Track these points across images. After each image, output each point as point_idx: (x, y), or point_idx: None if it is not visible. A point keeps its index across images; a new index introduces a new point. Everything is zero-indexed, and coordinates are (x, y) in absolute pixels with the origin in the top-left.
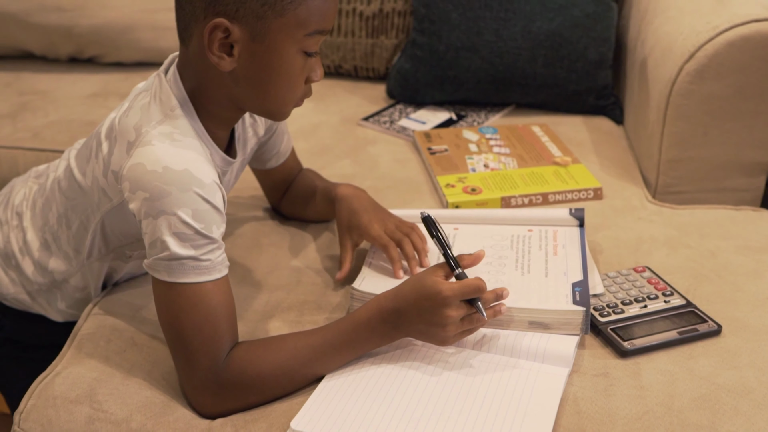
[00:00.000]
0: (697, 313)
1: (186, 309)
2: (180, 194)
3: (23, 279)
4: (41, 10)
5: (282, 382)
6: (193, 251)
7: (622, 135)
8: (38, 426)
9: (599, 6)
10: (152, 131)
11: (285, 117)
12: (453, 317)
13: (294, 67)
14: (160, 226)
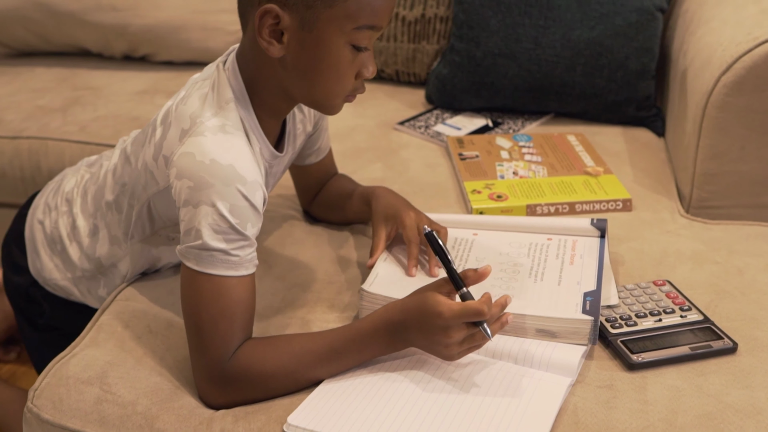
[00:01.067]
0: (714, 330)
1: (207, 299)
2: (222, 188)
3: (68, 265)
4: (97, 9)
5: (284, 383)
6: (224, 244)
7: (661, 147)
8: (49, 403)
9: (643, 15)
10: (206, 122)
11: (334, 111)
12: (454, 339)
13: (341, 59)
14: (198, 215)
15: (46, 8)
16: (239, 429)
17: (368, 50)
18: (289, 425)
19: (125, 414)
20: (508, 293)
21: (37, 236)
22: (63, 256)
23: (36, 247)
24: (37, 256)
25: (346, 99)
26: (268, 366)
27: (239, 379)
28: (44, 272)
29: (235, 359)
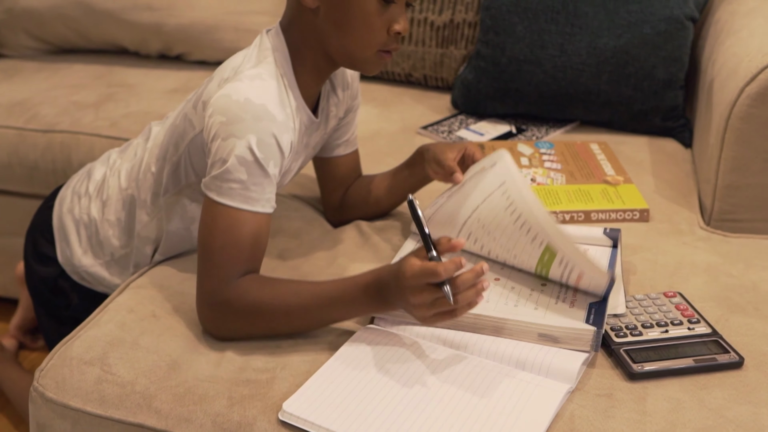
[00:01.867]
0: (721, 344)
1: (220, 228)
2: (252, 122)
3: (99, 249)
4: (134, 9)
5: (277, 316)
6: (245, 176)
7: (687, 159)
8: (53, 383)
9: (672, 25)
10: (247, 72)
11: (369, 66)
12: (419, 300)
13: (368, 8)
14: (227, 146)
15: (85, 6)
16: (234, 414)
17: (398, 5)
18: (284, 412)
19: (124, 393)
20: (510, 297)
21: (67, 225)
22: (94, 240)
23: (66, 236)
24: (67, 244)
25: (380, 55)
26: (265, 295)
27: (234, 306)
28: (74, 259)
29: (234, 286)
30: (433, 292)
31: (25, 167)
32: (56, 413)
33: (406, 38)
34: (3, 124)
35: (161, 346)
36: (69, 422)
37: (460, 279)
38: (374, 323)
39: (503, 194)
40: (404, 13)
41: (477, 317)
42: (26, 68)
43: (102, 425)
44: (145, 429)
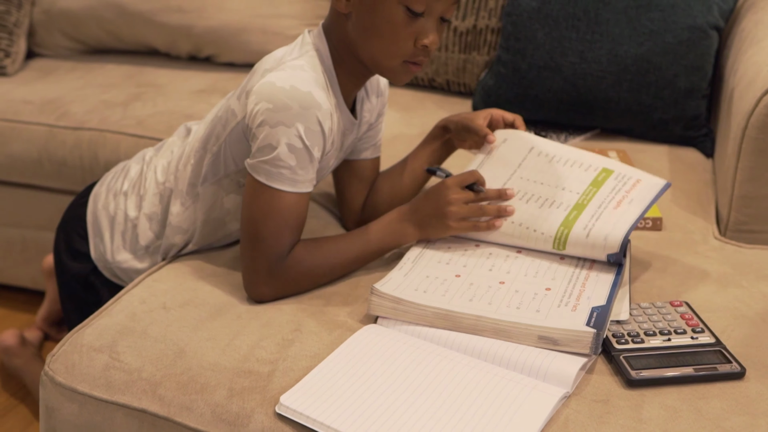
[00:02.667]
0: (724, 354)
1: (271, 211)
2: (301, 110)
3: (134, 242)
4: (165, 11)
5: (328, 275)
6: (294, 162)
7: (708, 168)
8: (63, 368)
9: (695, 33)
10: (290, 62)
11: (398, 77)
12: (455, 198)
13: (394, 19)
14: (276, 134)
15: (118, 8)
16: (233, 405)
17: (428, 18)
18: (281, 405)
19: (131, 380)
20: (513, 300)
21: (101, 221)
22: (129, 235)
23: (100, 232)
24: (100, 240)
25: (407, 66)
26: (316, 262)
27: (290, 276)
28: (107, 255)
29: (288, 260)
30: (467, 194)
31: (54, 163)
32: (65, 396)
33: None
34: (35, 121)
35: (169, 335)
36: (76, 405)
37: (487, 193)
38: (377, 323)
39: (539, 155)
40: (435, 27)
41: (478, 319)
42: (61, 67)
43: (107, 409)
44: (147, 414)
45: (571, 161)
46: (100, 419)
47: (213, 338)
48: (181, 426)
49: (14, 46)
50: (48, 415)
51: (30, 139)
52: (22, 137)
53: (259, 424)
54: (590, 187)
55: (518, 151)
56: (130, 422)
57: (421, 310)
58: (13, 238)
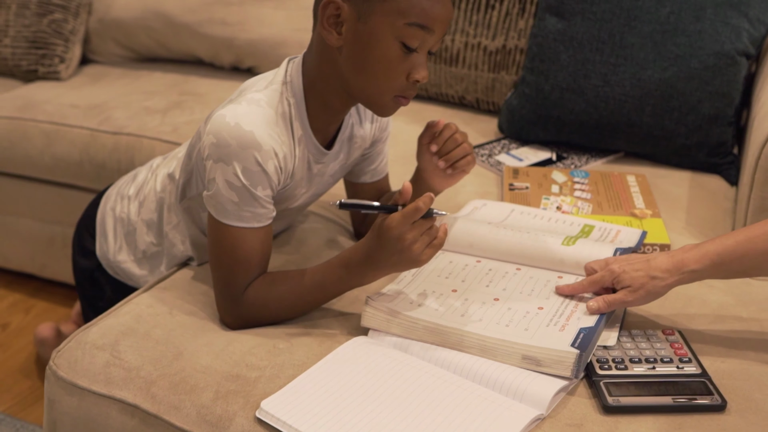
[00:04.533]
0: (707, 385)
1: (225, 245)
2: (239, 150)
3: (133, 245)
4: (209, 22)
5: (283, 312)
6: (236, 199)
7: (730, 197)
8: (66, 363)
9: (721, 59)
10: (248, 95)
11: (385, 110)
12: (410, 238)
13: (390, 54)
14: (217, 169)
15: (165, 18)
16: (217, 408)
17: (420, 53)
18: (261, 410)
19: (129, 377)
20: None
21: (107, 222)
22: (130, 238)
23: (105, 231)
24: (105, 239)
25: (397, 100)
26: (271, 299)
27: (250, 311)
28: (110, 254)
29: (245, 295)
30: (421, 226)
31: (94, 165)
32: (65, 390)
33: (459, 61)
34: (78, 125)
35: (171, 338)
36: (76, 399)
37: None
38: (368, 335)
39: (521, 213)
40: (425, 61)
41: (465, 335)
42: (111, 74)
43: (104, 403)
44: (139, 410)
45: (554, 219)
46: (96, 412)
47: (210, 344)
48: (168, 424)
49: (69, 52)
50: (50, 407)
51: (73, 141)
52: (66, 139)
53: (239, 427)
54: (580, 234)
55: (500, 211)
56: (123, 417)
57: (412, 323)
58: (56, 235)
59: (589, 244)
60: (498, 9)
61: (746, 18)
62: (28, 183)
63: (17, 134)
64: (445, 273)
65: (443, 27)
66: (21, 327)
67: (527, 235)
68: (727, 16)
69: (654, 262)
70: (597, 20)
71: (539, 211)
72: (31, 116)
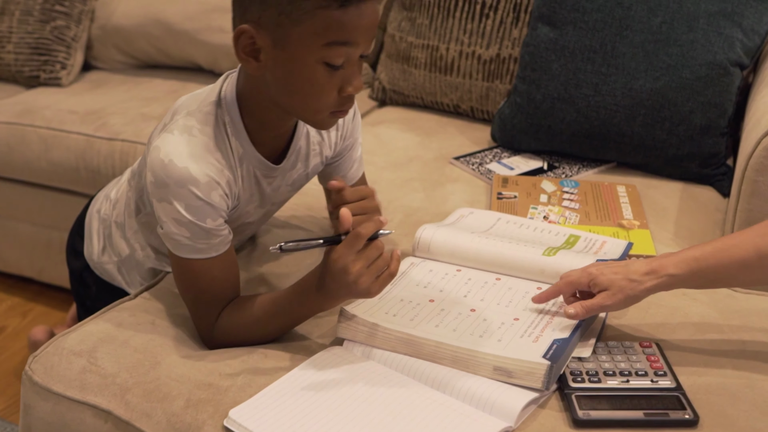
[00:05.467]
0: (680, 400)
1: (187, 279)
2: (176, 188)
3: (112, 249)
4: (208, 30)
5: (252, 338)
6: (188, 234)
7: (722, 208)
8: (42, 368)
9: (714, 70)
10: (180, 120)
11: (324, 126)
12: (357, 271)
13: (316, 76)
14: (161, 209)
15: (165, 26)
16: (187, 416)
17: (349, 66)
18: (229, 419)
19: (104, 383)
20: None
21: (93, 223)
22: (110, 240)
23: (91, 233)
24: (90, 240)
25: (334, 114)
26: (239, 327)
27: (221, 338)
28: (94, 255)
29: (216, 325)
30: (365, 256)
31: (89, 171)
32: (40, 396)
33: (454, 70)
34: (75, 130)
35: (150, 347)
36: (50, 404)
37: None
38: (343, 345)
39: (507, 222)
40: (357, 72)
41: (438, 345)
42: (112, 80)
43: (77, 409)
44: (112, 416)
45: (540, 228)
46: (70, 418)
47: (189, 354)
48: (138, 431)
49: (71, 59)
50: (25, 412)
51: (69, 147)
52: (62, 145)
53: None
54: (564, 245)
55: (486, 220)
56: (96, 423)
57: (386, 333)
58: (53, 239)
59: (570, 255)
60: (492, 18)
61: (740, 28)
62: (27, 188)
63: (16, 139)
64: (424, 282)
65: (369, 34)
66: (18, 330)
67: (508, 244)
68: (720, 26)
69: (632, 266)
70: (589, 30)
71: (525, 221)
72: (30, 122)
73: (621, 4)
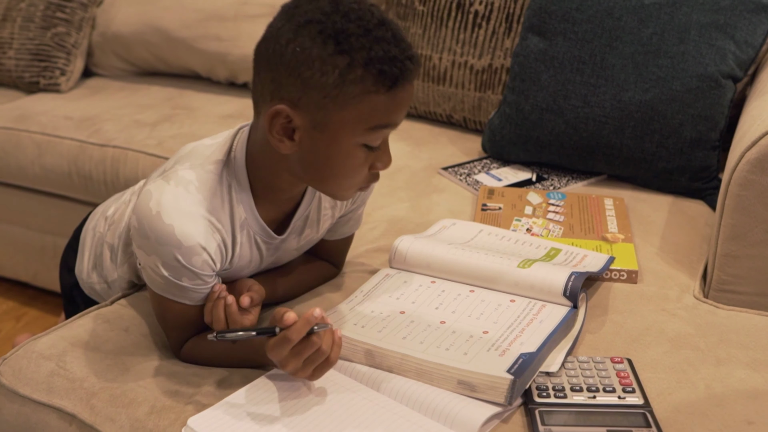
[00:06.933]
0: (647, 417)
1: (157, 309)
2: (156, 245)
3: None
4: (204, 38)
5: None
6: (162, 282)
7: (711, 223)
8: (11, 371)
9: (704, 82)
10: (180, 171)
11: (346, 198)
12: (290, 367)
13: (353, 159)
14: (140, 255)
15: (162, 33)
16: (150, 422)
17: (383, 145)
18: (187, 427)
19: (71, 387)
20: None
21: (87, 241)
22: (100, 260)
23: (83, 251)
24: (81, 259)
25: (360, 188)
26: (203, 358)
27: (187, 359)
28: (83, 273)
29: (182, 353)
30: (297, 353)
31: (81, 177)
32: (6, 398)
33: (447, 79)
34: (69, 136)
35: (120, 353)
36: (16, 406)
37: (286, 319)
38: None
39: (488, 234)
40: (388, 148)
41: (403, 358)
42: (111, 87)
43: (42, 411)
44: (76, 419)
45: (521, 241)
46: (35, 420)
47: (158, 362)
48: None
49: (70, 65)
50: None
51: (62, 152)
52: (56, 151)
53: None
54: (544, 258)
55: (468, 232)
56: (61, 425)
57: (353, 345)
58: (47, 244)
59: (545, 268)
60: (485, 28)
61: (732, 40)
62: (21, 192)
63: (11, 144)
64: (397, 293)
65: (405, 111)
66: (11, 334)
67: (484, 256)
68: (712, 38)
69: None
70: (578, 40)
71: (507, 233)
72: (26, 127)
73: (611, 14)
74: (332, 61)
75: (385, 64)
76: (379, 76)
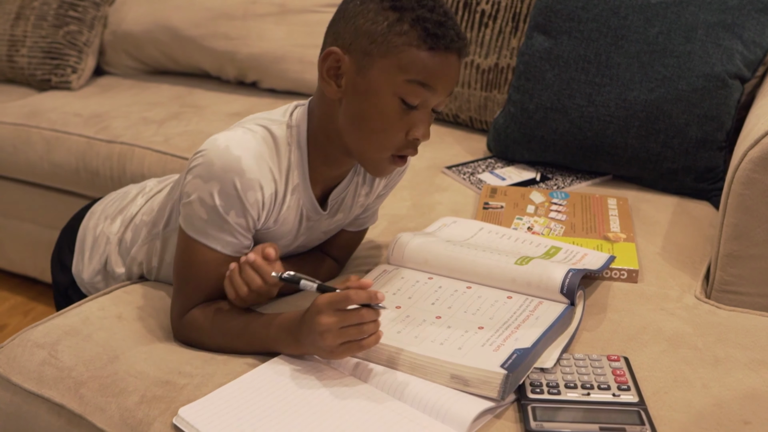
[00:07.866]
0: (641, 415)
1: (185, 257)
2: (220, 171)
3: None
4: (213, 36)
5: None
6: (206, 216)
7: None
8: (5, 359)
9: (711, 82)
10: (247, 124)
11: (381, 171)
12: (326, 324)
13: (388, 109)
14: (194, 184)
15: (172, 32)
16: (140, 412)
17: (422, 111)
18: (178, 417)
19: (60, 377)
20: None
21: (87, 240)
22: (104, 259)
23: (83, 250)
24: (81, 258)
25: (394, 159)
26: (207, 331)
27: (186, 330)
28: (84, 273)
29: (188, 315)
30: (342, 317)
31: (89, 172)
32: (0, 386)
33: None
34: (77, 132)
35: (111, 342)
36: (9, 394)
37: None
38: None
39: (489, 233)
40: (427, 120)
41: (397, 351)
42: (122, 85)
43: (33, 401)
44: (65, 410)
45: (521, 239)
46: (26, 410)
47: (150, 351)
48: (91, 425)
49: (82, 63)
50: None
51: (70, 149)
52: (64, 147)
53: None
54: (543, 256)
55: (468, 230)
56: (50, 417)
57: None
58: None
59: (542, 265)
60: (491, 27)
61: (740, 40)
62: (31, 188)
63: (20, 140)
64: (394, 289)
65: (448, 86)
66: (18, 329)
67: (482, 253)
68: (719, 37)
69: None
70: (584, 39)
71: (508, 231)
72: (36, 123)
73: (617, 13)
74: (384, 14)
75: (430, 24)
76: (422, 33)
